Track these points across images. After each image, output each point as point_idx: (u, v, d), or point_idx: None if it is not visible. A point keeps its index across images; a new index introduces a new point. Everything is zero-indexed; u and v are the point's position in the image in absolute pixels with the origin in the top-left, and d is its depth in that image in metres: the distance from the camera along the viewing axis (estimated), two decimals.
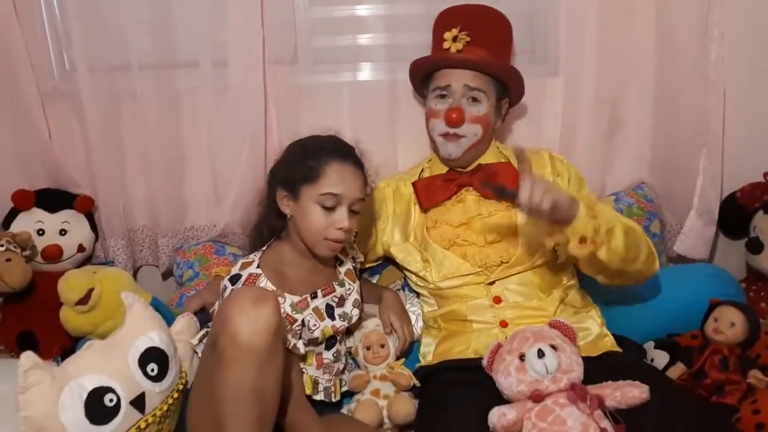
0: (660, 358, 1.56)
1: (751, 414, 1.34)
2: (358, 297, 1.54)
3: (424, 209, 1.63)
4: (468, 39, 1.57)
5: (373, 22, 1.87)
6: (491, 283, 1.54)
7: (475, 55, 1.57)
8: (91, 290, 1.57)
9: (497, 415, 1.25)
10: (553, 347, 1.30)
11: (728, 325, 1.50)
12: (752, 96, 1.91)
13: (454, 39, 1.58)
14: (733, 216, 1.93)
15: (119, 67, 1.81)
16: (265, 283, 1.39)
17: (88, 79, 1.79)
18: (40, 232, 1.82)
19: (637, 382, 1.28)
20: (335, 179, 1.38)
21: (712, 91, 1.83)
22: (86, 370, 1.26)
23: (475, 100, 1.58)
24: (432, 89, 1.63)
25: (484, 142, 1.63)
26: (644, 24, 1.79)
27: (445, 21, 1.64)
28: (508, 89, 1.65)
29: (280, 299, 1.38)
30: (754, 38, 1.87)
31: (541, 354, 1.28)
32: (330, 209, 1.38)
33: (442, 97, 1.60)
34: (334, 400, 1.49)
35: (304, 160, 1.40)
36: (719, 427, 1.28)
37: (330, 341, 1.49)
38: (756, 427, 1.31)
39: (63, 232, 1.84)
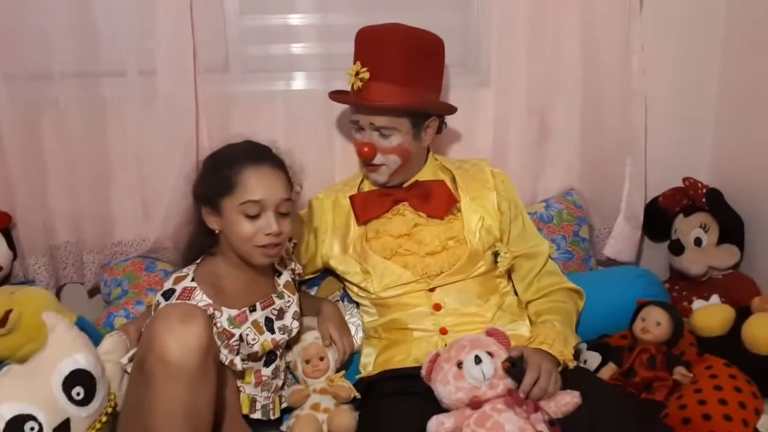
0: (592, 359, 1.61)
1: (677, 409, 1.40)
2: (298, 309, 1.52)
3: (360, 223, 1.63)
4: (368, 75, 1.53)
5: (306, 32, 1.86)
6: (431, 290, 1.55)
7: (373, 95, 1.53)
8: (8, 312, 1.48)
9: (435, 425, 1.26)
10: (490, 354, 1.32)
11: (654, 324, 1.56)
12: (672, 105, 2.00)
13: (357, 73, 1.56)
14: (656, 220, 2.01)
15: (39, 75, 1.72)
16: (200, 296, 1.35)
17: (3, 87, 1.70)
18: None
19: (567, 390, 1.31)
20: (253, 185, 1.34)
21: (635, 101, 1.92)
22: (4, 398, 1.19)
23: (385, 135, 1.56)
24: (349, 121, 1.64)
25: (412, 164, 1.62)
26: (570, 36, 1.85)
27: (355, 48, 1.61)
28: (427, 113, 1.61)
29: (217, 313, 1.34)
30: (673, 50, 1.97)
31: (478, 360, 1.30)
32: (254, 217, 1.34)
33: (357, 130, 1.61)
34: (273, 417, 1.46)
35: (219, 172, 1.36)
36: (648, 423, 1.33)
37: (269, 357, 1.46)
38: (682, 421, 1.36)
39: None
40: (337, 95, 1.67)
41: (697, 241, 1.93)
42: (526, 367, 1.31)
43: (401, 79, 1.54)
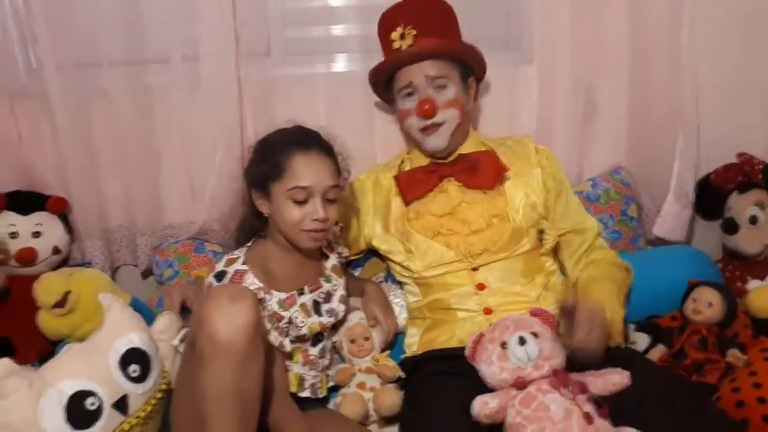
0: (641, 341, 1.58)
1: (730, 392, 1.36)
2: (344, 293, 1.53)
3: (408, 202, 1.63)
4: (415, 32, 1.57)
5: (347, 13, 1.85)
6: (475, 269, 1.55)
7: (427, 45, 1.57)
8: (68, 293, 1.54)
9: (479, 405, 1.25)
10: (534, 334, 1.31)
11: (706, 305, 1.52)
12: (724, 79, 1.93)
13: (402, 36, 1.58)
14: (709, 198, 1.95)
15: (88, 64, 1.77)
16: (252, 280, 1.37)
17: (57, 77, 1.75)
18: (13, 235, 1.79)
19: (618, 368, 1.29)
20: (301, 171, 1.35)
21: (685, 76, 1.85)
22: (65, 375, 1.24)
23: (441, 87, 1.58)
24: (398, 91, 1.63)
25: (464, 126, 1.64)
26: (616, 9, 1.79)
27: (387, 22, 1.64)
28: (470, 67, 1.65)
29: (267, 296, 1.37)
30: (725, 22, 1.89)
31: (522, 341, 1.29)
32: (302, 203, 1.36)
33: (409, 95, 1.61)
34: (320, 395, 1.48)
35: (268, 157, 1.38)
36: (699, 406, 1.30)
37: (316, 337, 1.48)
38: (736, 404, 1.33)
39: (36, 235, 1.80)
40: (383, 63, 1.66)
41: (753, 219, 1.87)
42: (579, 315, 1.31)
43: (444, 33, 1.60)
